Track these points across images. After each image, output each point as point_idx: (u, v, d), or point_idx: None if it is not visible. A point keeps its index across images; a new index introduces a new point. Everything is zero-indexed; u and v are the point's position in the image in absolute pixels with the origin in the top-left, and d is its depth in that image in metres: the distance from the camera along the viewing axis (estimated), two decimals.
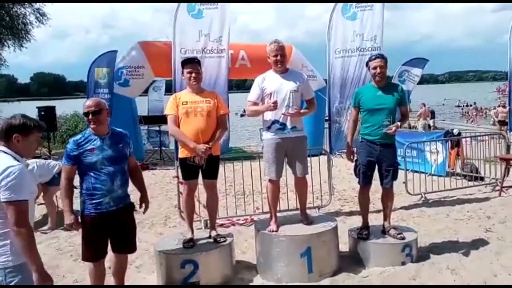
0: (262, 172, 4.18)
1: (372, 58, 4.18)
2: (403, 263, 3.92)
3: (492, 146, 7.86)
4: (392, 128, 3.95)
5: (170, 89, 5.94)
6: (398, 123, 4.05)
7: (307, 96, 4.11)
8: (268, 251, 3.84)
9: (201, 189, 4.22)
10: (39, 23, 15.13)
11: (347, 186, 7.41)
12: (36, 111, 11.43)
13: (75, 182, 3.22)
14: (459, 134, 8.86)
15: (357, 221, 4.91)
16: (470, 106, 34.45)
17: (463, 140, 8.58)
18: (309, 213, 4.31)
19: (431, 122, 18.84)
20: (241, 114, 32.40)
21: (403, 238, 3.98)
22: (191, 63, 3.94)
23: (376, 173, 4.17)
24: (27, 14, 14.86)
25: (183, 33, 5.55)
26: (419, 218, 5.59)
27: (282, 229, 3.90)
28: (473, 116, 26.95)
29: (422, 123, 17.63)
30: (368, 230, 4.16)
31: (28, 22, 14.96)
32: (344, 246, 4.28)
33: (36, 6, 14.80)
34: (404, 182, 6.45)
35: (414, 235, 4.12)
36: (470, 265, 3.89)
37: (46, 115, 9.72)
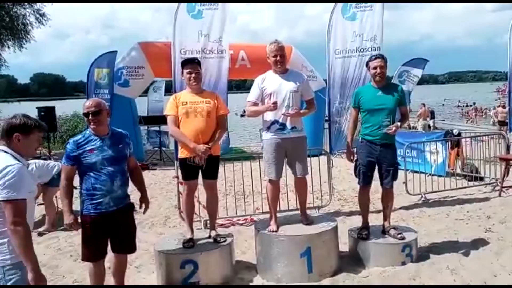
0: (262, 172, 4.19)
1: (372, 58, 4.19)
2: (403, 263, 3.92)
3: (492, 146, 7.86)
4: (392, 128, 3.95)
5: (170, 89, 5.95)
6: (398, 123, 4.06)
7: (307, 96, 4.11)
8: (268, 251, 3.83)
9: (201, 189, 4.22)
10: (39, 24, 15.14)
11: (347, 186, 7.41)
12: (36, 112, 11.42)
13: (75, 183, 3.22)
14: (459, 134, 8.85)
15: (357, 221, 4.91)
16: (470, 106, 34.48)
17: (463, 140, 8.58)
18: (309, 213, 4.31)
19: (431, 122, 18.84)
20: (241, 115, 32.41)
21: (403, 238, 3.98)
22: (191, 64, 3.95)
23: (376, 173, 4.17)
24: (27, 14, 14.87)
25: (183, 33, 5.55)
26: (419, 218, 5.59)
27: (282, 229, 3.90)
28: (472, 116, 26.98)
29: (422, 123, 17.64)
30: (368, 230, 4.16)
31: (28, 22, 14.97)
32: (344, 246, 4.28)
33: (36, 6, 14.81)
34: (404, 182, 6.45)
35: (414, 235, 4.12)
36: (470, 265, 3.89)
37: (46, 116, 9.72)
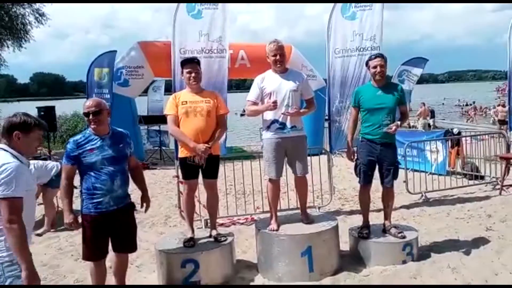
0: (263, 171, 4.19)
1: (372, 58, 4.19)
2: (404, 262, 3.92)
3: (492, 145, 7.86)
4: (392, 127, 3.95)
5: (169, 89, 5.95)
6: (398, 122, 4.06)
7: (307, 95, 4.11)
8: (268, 250, 3.83)
9: (201, 188, 4.22)
10: (39, 24, 15.12)
11: (348, 185, 7.41)
12: (36, 111, 11.42)
13: (76, 182, 3.22)
14: (459, 133, 8.85)
15: (357, 220, 4.91)
16: (470, 105, 34.48)
17: (463, 139, 8.58)
18: (309, 212, 4.31)
19: (431, 122, 18.86)
20: (241, 114, 32.42)
21: (404, 237, 3.98)
22: (191, 63, 3.95)
23: (376, 172, 4.17)
24: (27, 14, 14.85)
25: (183, 33, 5.55)
26: (420, 217, 5.59)
27: (283, 228, 3.90)
28: (471, 115, 26.98)
29: (422, 123, 17.65)
30: (368, 229, 4.16)
31: (27, 22, 14.94)
32: (344, 245, 4.27)
33: (35, 6, 14.78)
34: (404, 181, 6.44)
35: (414, 234, 4.12)
36: (471, 263, 3.89)
37: (46, 115, 9.70)
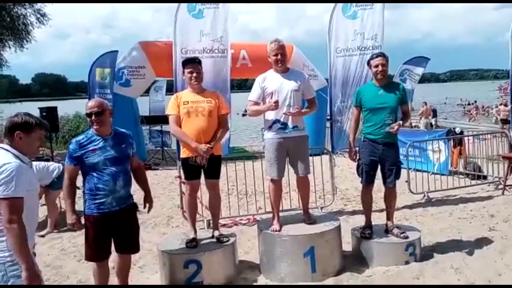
0: (265, 172, 4.18)
1: (373, 57, 4.18)
2: (407, 262, 3.91)
3: (494, 145, 7.83)
4: (394, 127, 3.94)
5: (171, 89, 5.94)
6: (400, 122, 4.05)
7: (308, 95, 4.10)
8: (271, 251, 3.83)
9: (203, 189, 4.22)
10: (40, 24, 15.16)
11: (350, 185, 7.40)
12: (38, 112, 11.43)
13: (78, 183, 3.22)
14: (461, 132, 8.83)
15: (360, 220, 4.90)
16: (472, 104, 34.40)
17: (466, 138, 8.56)
18: (311, 212, 4.30)
19: (433, 121, 18.81)
20: (242, 114, 32.40)
21: (407, 237, 3.97)
22: (192, 63, 3.94)
23: (378, 172, 4.16)
24: (28, 14, 14.89)
25: (184, 33, 5.54)
26: (422, 217, 5.58)
27: (285, 228, 3.89)
28: (473, 114, 26.93)
29: (424, 122, 17.61)
30: (371, 229, 4.15)
31: (28, 22, 14.98)
32: (347, 245, 4.27)
33: (36, 6, 14.82)
34: (406, 181, 6.43)
35: (417, 234, 4.11)
36: (474, 264, 3.87)
37: (48, 116, 9.71)
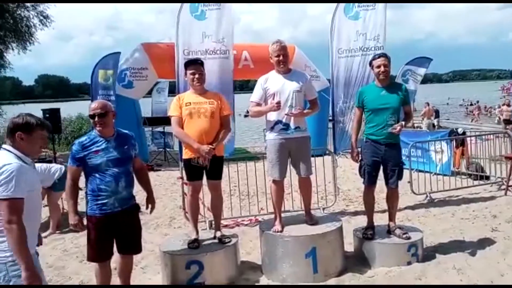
0: (266, 172, 4.18)
1: (375, 57, 4.18)
2: (409, 263, 3.90)
3: (497, 145, 7.81)
4: (397, 127, 3.94)
5: (173, 90, 5.96)
6: (403, 123, 4.05)
7: (310, 96, 4.11)
8: (273, 252, 3.83)
9: (205, 190, 4.22)
10: (43, 26, 15.20)
11: (352, 186, 7.39)
12: (41, 113, 11.47)
13: (81, 184, 3.24)
14: (464, 133, 8.81)
15: (362, 221, 4.90)
16: (474, 105, 34.31)
17: (468, 139, 8.54)
18: (313, 213, 4.30)
19: (436, 121, 18.76)
20: (244, 115, 32.41)
21: (409, 238, 3.97)
22: (194, 64, 3.95)
23: (381, 173, 4.16)
24: (31, 17, 14.93)
25: (186, 34, 5.55)
26: (425, 218, 5.57)
27: (287, 229, 3.89)
28: (475, 114, 26.86)
29: (426, 123, 17.56)
30: (373, 230, 4.15)
31: (32, 25, 15.02)
32: (349, 246, 4.26)
33: (39, 8, 14.86)
34: (409, 182, 6.41)
35: (419, 235, 4.11)
36: (477, 264, 3.86)
37: (51, 117, 9.74)
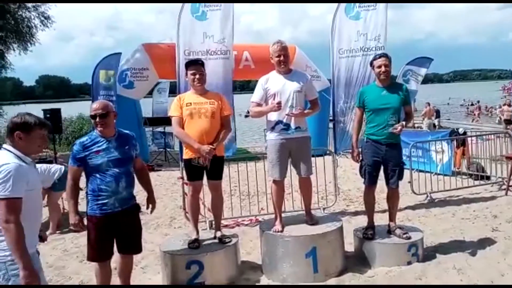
0: (267, 172, 4.19)
1: (376, 57, 4.18)
2: (409, 263, 3.90)
3: (498, 145, 7.80)
4: (397, 127, 3.94)
5: (174, 90, 5.96)
6: (404, 123, 4.05)
7: (311, 96, 4.11)
8: (273, 252, 3.83)
9: (206, 190, 4.23)
10: (44, 26, 15.22)
11: (352, 186, 7.39)
12: (42, 114, 11.49)
13: (81, 184, 3.24)
14: (465, 133, 8.80)
15: (362, 221, 4.90)
16: (474, 105, 34.27)
17: (469, 139, 8.53)
18: (314, 213, 4.31)
19: (436, 121, 18.75)
20: (245, 115, 32.42)
21: (409, 238, 3.97)
22: (195, 65, 3.96)
23: (381, 173, 4.16)
24: (32, 17, 14.96)
25: (187, 34, 5.56)
26: (425, 218, 5.57)
27: (287, 229, 3.89)
28: (475, 114, 26.83)
29: (427, 123, 17.55)
30: (373, 230, 4.15)
31: (32, 25, 15.04)
32: (349, 246, 4.27)
33: (40, 9, 14.89)
34: (409, 182, 6.41)
35: (420, 235, 4.11)
36: (477, 264, 3.86)
37: (52, 118, 9.75)
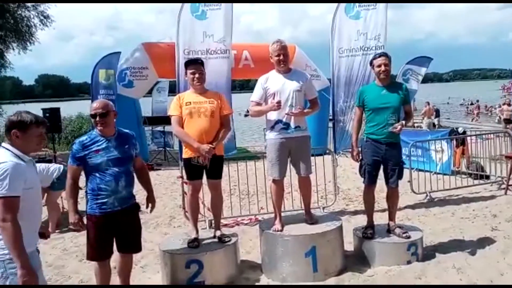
0: (267, 172, 4.19)
1: (376, 57, 4.18)
2: (409, 262, 3.91)
3: (497, 144, 7.80)
4: (397, 126, 3.94)
5: (174, 90, 5.96)
6: (403, 122, 4.05)
7: (310, 95, 4.11)
8: (273, 251, 3.83)
9: (205, 189, 4.22)
10: (43, 26, 15.21)
11: (352, 185, 7.39)
12: (41, 113, 11.49)
13: (81, 183, 3.24)
14: (464, 132, 8.81)
15: (362, 220, 4.90)
16: (474, 104, 34.26)
17: (468, 138, 8.53)
18: (313, 212, 4.31)
19: (436, 121, 18.76)
20: (244, 115, 32.41)
21: (409, 237, 3.97)
22: (194, 64, 3.96)
23: (381, 172, 4.16)
24: (31, 17, 14.95)
25: (187, 34, 5.56)
26: (425, 217, 5.57)
27: (287, 228, 3.89)
28: (474, 114, 26.83)
29: (426, 122, 17.56)
30: (373, 229, 4.15)
31: (32, 24, 15.04)
32: (349, 245, 4.27)
33: (40, 8, 14.88)
34: (409, 181, 6.41)
35: (419, 234, 4.11)
36: (476, 264, 3.87)
37: (51, 117, 9.75)
